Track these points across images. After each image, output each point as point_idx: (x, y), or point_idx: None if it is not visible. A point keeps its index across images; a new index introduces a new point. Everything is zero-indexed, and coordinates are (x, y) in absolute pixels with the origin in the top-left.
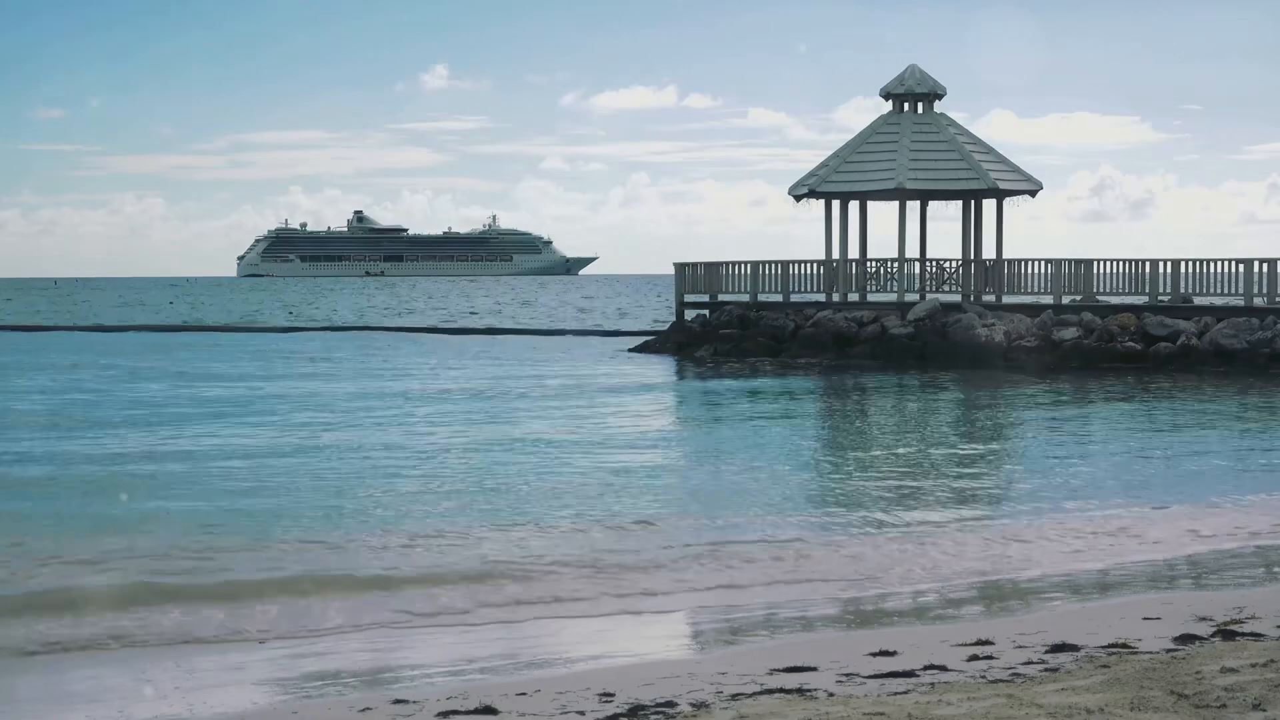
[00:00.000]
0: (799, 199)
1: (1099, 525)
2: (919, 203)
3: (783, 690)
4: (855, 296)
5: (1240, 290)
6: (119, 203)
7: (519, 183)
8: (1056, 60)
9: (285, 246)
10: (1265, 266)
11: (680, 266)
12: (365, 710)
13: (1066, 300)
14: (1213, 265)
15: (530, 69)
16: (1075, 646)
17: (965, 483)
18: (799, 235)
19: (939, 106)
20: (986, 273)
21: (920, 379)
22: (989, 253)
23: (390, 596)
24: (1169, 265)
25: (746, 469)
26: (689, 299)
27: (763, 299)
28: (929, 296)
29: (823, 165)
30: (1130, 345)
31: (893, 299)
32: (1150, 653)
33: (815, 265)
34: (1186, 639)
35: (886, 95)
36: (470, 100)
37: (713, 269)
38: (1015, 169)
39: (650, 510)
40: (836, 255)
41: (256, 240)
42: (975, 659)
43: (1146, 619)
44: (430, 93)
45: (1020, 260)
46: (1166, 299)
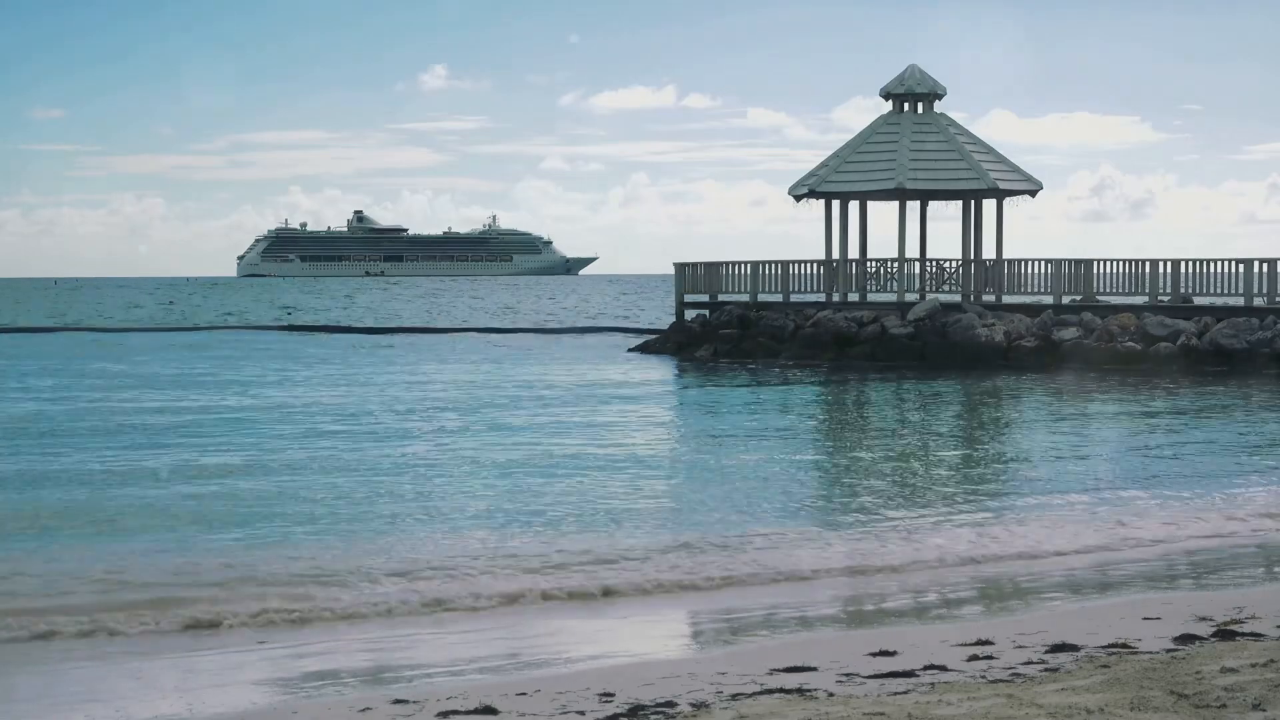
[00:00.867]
0: (799, 199)
1: (1099, 525)
2: (919, 203)
3: (783, 690)
4: (855, 296)
5: (1240, 290)
6: (118, 203)
7: (519, 183)
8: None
9: (285, 246)
10: (1265, 266)
11: (680, 266)
12: (365, 710)
13: (1066, 300)
14: (1213, 265)
15: (529, 69)
16: (1075, 646)
17: (965, 483)
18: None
19: (939, 106)
20: (986, 273)
21: (920, 379)
22: (989, 253)
23: (391, 597)
24: (1169, 265)
25: (747, 469)
26: (689, 299)
27: (763, 299)
28: (929, 296)
29: (823, 165)
30: (1130, 345)
31: (893, 299)
32: (1150, 653)
33: (815, 265)
34: (1186, 639)
35: (886, 95)
36: (470, 100)
37: (713, 269)
38: (1015, 169)
39: (650, 511)
40: (836, 255)
41: (256, 240)
42: (975, 659)
43: (1146, 619)
44: (430, 93)
45: (1020, 260)
46: (1166, 299)
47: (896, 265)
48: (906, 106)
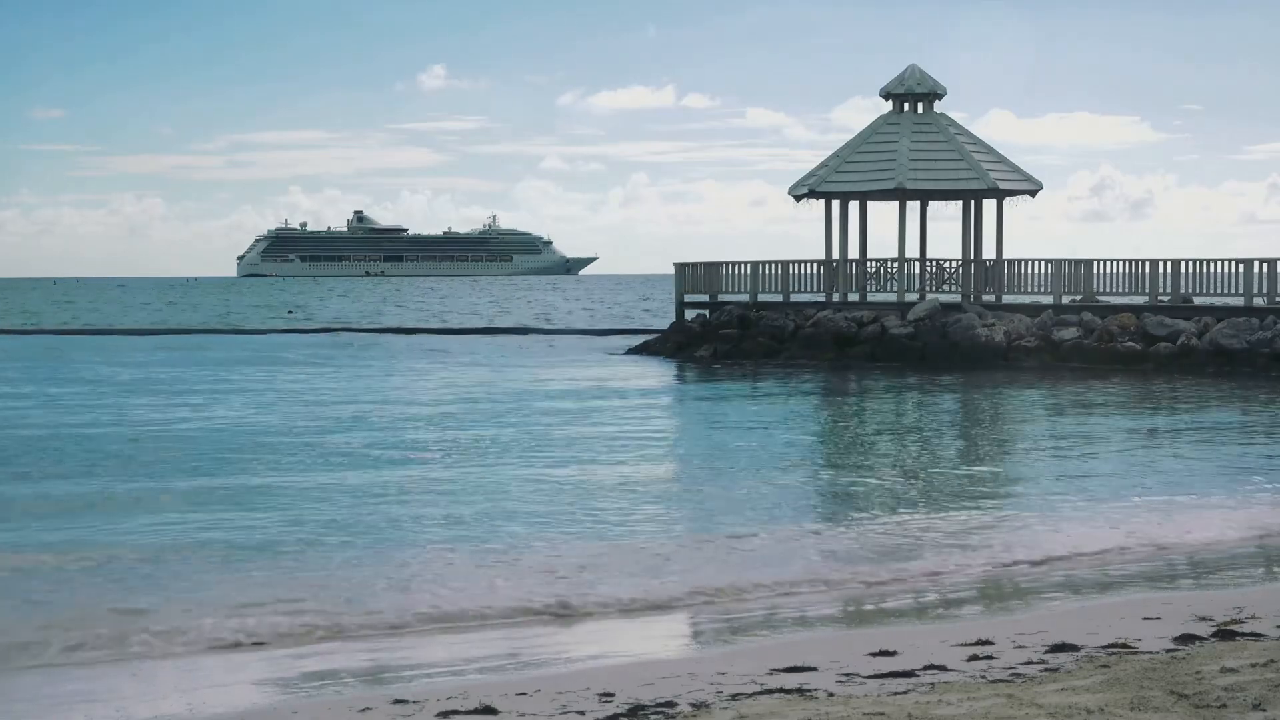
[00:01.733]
0: (799, 199)
1: (1099, 525)
2: (919, 203)
3: (783, 690)
4: (855, 296)
5: (1240, 290)
6: (118, 203)
7: (518, 183)
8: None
9: (285, 246)
10: (1265, 266)
11: (680, 266)
12: (365, 710)
13: (1066, 300)
14: (1213, 265)
15: (528, 69)
16: (1075, 646)
17: (964, 484)
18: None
19: (939, 106)
20: (986, 273)
21: (920, 380)
22: (989, 253)
23: (390, 597)
24: (1169, 265)
25: (747, 471)
26: (689, 299)
27: (763, 299)
28: (929, 296)
29: (823, 165)
30: (1130, 345)
31: (893, 299)
32: (1150, 653)
33: (815, 265)
34: (1186, 639)
35: (886, 95)
36: (469, 100)
37: (713, 269)
38: (1015, 169)
39: (649, 512)
40: (836, 255)
41: (256, 240)
42: (975, 659)
43: (1146, 619)
44: (429, 93)
45: (1020, 260)
46: (1166, 299)
47: (896, 265)
48: (906, 106)
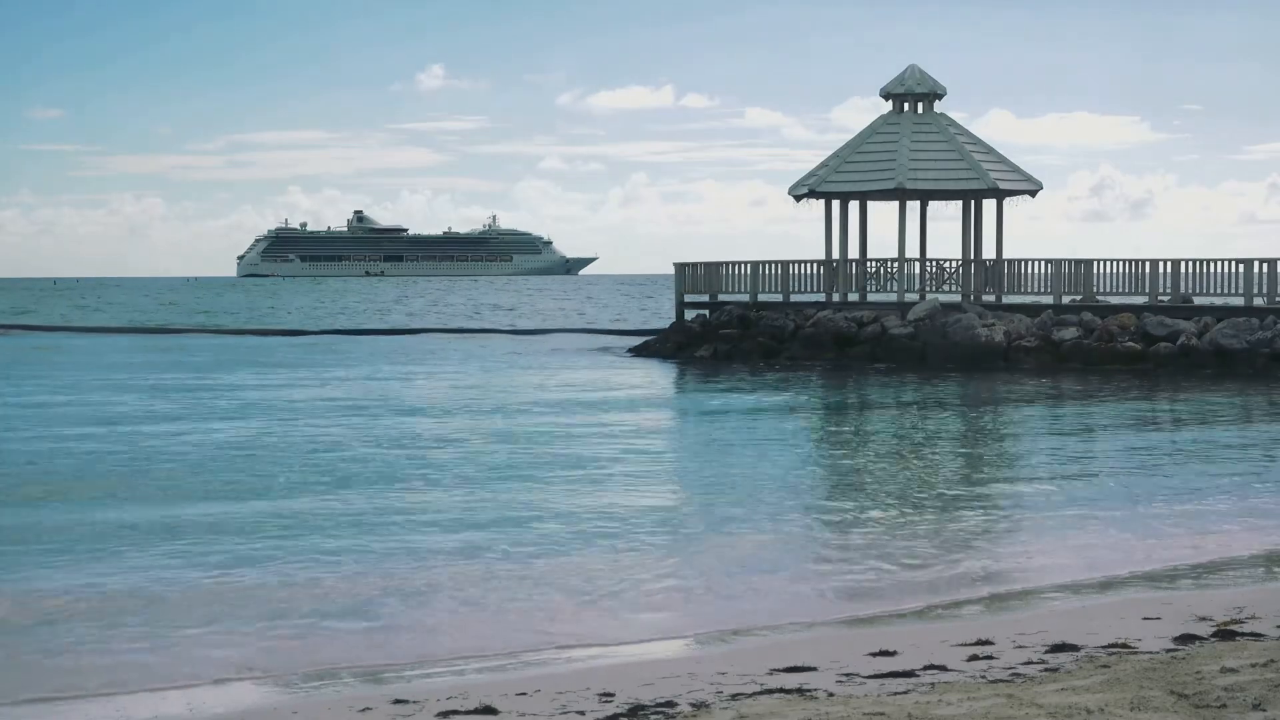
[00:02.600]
0: (799, 199)
1: (1099, 525)
2: (919, 203)
3: (783, 690)
4: (855, 296)
5: (1240, 290)
6: (118, 203)
7: (518, 183)
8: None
9: (285, 246)
10: (1265, 266)
11: (680, 266)
12: (365, 710)
13: (1066, 300)
14: (1213, 265)
15: (527, 69)
16: (1075, 646)
17: (965, 484)
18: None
19: (939, 106)
20: (986, 273)
21: (920, 381)
22: (989, 253)
23: (389, 597)
24: (1169, 265)
25: (748, 473)
26: (689, 299)
27: (763, 299)
28: (929, 296)
29: (823, 165)
30: (1130, 345)
31: (893, 299)
32: (1150, 653)
33: (815, 265)
34: (1186, 639)
35: (886, 95)
36: (469, 100)
37: (713, 269)
38: (1015, 169)
39: (650, 513)
40: (836, 255)
41: (256, 240)
42: (975, 659)
43: (1146, 619)
44: (429, 93)
45: (1020, 260)
46: (1166, 299)
47: (896, 265)
48: (906, 106)
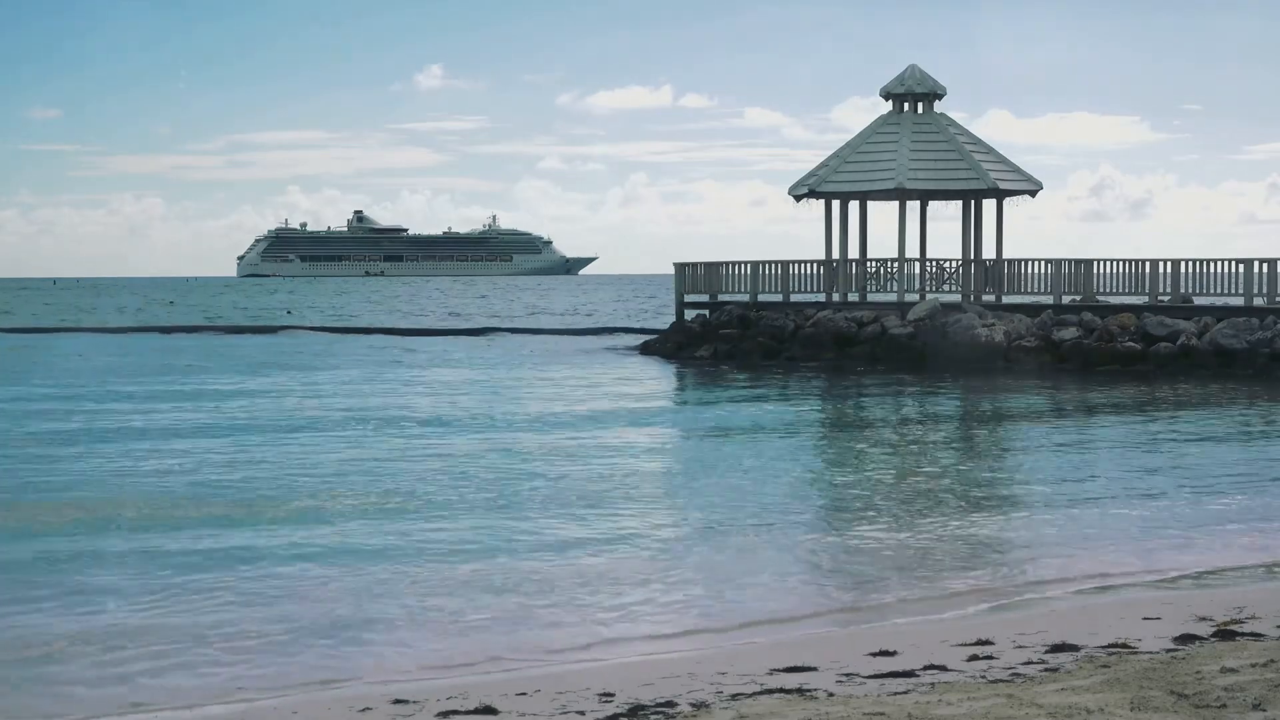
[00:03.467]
0: (799, 199)
1: (1099, 525)
2: (919, 203)
3: (783, 690)
4: (855, 296)
5: (1240, 290)
6: (117, 203)
7: (518, 182)
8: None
9: (285, 246)
10: (1265, 266)
11: (680, 266)
12: (365, 710)
13: (1066, 300)
14: (1213, 265)
15: (526, 69)
16: (1075, 646)
17: (964, 485)
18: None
19: (939, 106)
20: (986, 273)
21: (920, 382)
22: (989, 253)
23: (390, 597)
24: (1169, 265)
25: (748, 474)
26: (689, 299)
27: (763, 299)
28: (929, 296)
29: (823, 165)
30: (1130, 345)
31: (893, 299)
32: (1150, 653)
33: (815, 265)
34: (1186, 639)
35: (886, 95)
36: (468, 100)
37: (713, 269)
38: (1015, 169)
39: (649, 513)
40: (836, 255)
41: (256, 240)
42: (975, 659)
43: (1146, 619)
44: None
45: (1020, 260)
46: (1166, 299)
47: (896, 265)
48: (906, 106)
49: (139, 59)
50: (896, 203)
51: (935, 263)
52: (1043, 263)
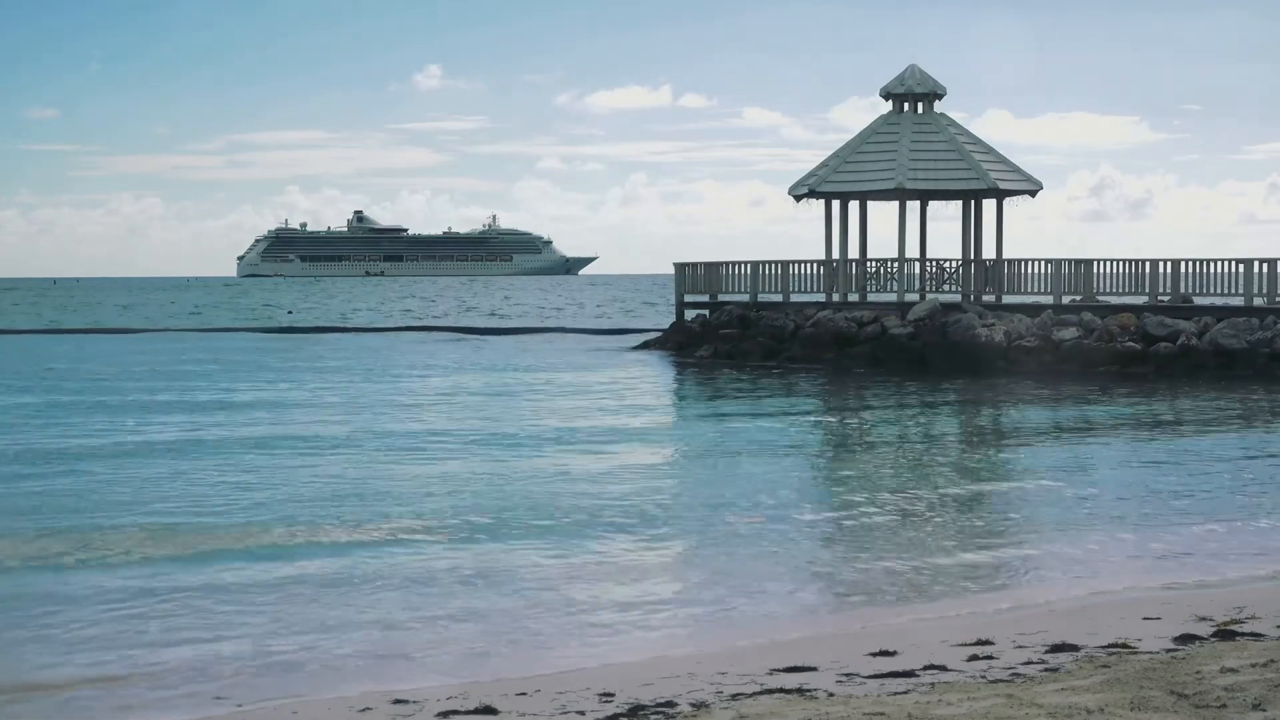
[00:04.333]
0: (799, 199)
1: (1099, 525)
2: (919, 203)
3: (783, 690)
4: (855, 297)
5: (1240, 290)
6: (117, 203)
7: (517, 182)
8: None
9: (285, 246)
10: (1265, 266)
11: (680, 266)
12: (365, 710)
13: (1066, 300)
14: (1213, 265)
15: (525, 69)
16: (1075, 646)
17: (964, 485)
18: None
19: (939, 106)
20: (986, 273)
21: (920, 382)
22: (989, 253)
23: (390, 598)
24: (1169, 265)
25: (747, 474)
26: (689, 299)
27: (763, 299)
28: (929, 296)
29: (823, 165)
30: (1130, 345)
31: (893, 299)
32: (1150, 653)
33: (815, 265)
34: (1186, 639)
35: (886, 95)
36: (468, 100)
37: (713, 269)
38: (1015, 169)
39: (649, 513)
40: (836, 255)
41: (256, 240)
42: (975, 659)
43: (1146, 619)
44: (428, 93)
45: (1020, 260)
46: (1166, 299)
47: (896, 265)
48: (906, 106)
49: (139, 59)
50: (896, 203)
51: (935, 263)
52: (1043, 263)
